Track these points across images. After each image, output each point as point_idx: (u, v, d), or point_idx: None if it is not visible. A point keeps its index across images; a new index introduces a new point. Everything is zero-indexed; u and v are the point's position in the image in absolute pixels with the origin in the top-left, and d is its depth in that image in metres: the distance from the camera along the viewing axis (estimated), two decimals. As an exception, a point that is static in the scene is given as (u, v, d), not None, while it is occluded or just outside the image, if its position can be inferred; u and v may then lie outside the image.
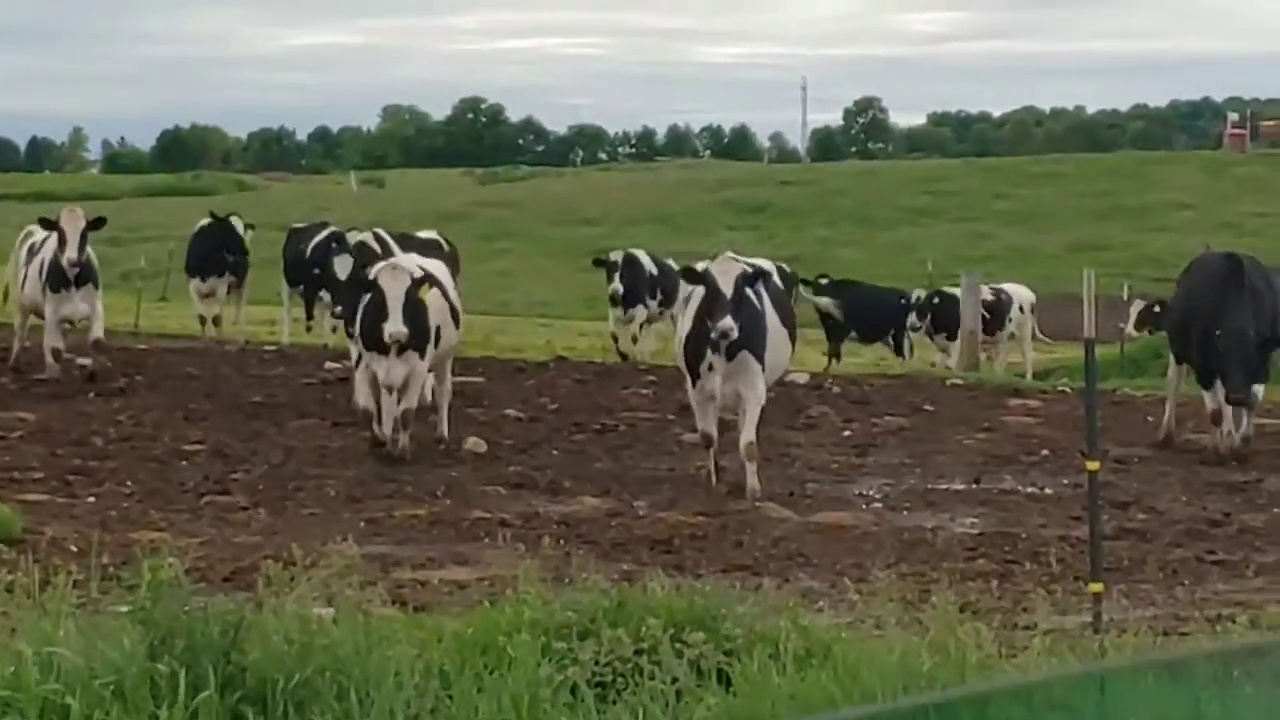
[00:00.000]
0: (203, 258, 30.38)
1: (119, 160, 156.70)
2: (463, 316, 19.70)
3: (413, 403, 17.99)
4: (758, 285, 16.69)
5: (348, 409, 19.99)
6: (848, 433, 20.60)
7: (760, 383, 16.57)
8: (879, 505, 15.87)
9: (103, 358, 23.38)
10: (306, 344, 29.34)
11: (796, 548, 13.48)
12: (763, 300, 16.79)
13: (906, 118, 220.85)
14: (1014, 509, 15.66)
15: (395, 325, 17.48)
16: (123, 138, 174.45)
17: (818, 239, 70.10)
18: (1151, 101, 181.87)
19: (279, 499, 15.34)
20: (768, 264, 18.81)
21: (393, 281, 17.66)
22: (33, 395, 21.79)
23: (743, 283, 16.36)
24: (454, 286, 19.65)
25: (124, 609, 8.30)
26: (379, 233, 24.78)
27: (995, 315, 32.96)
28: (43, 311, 23.43)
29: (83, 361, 23.09)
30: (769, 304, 16.94)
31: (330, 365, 24.94)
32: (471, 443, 18.65)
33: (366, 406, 17.93)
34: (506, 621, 8.50)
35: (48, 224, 23.49)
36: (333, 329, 26.96)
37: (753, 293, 16.53)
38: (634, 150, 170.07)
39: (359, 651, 7.99)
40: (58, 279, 22.99)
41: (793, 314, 18.19)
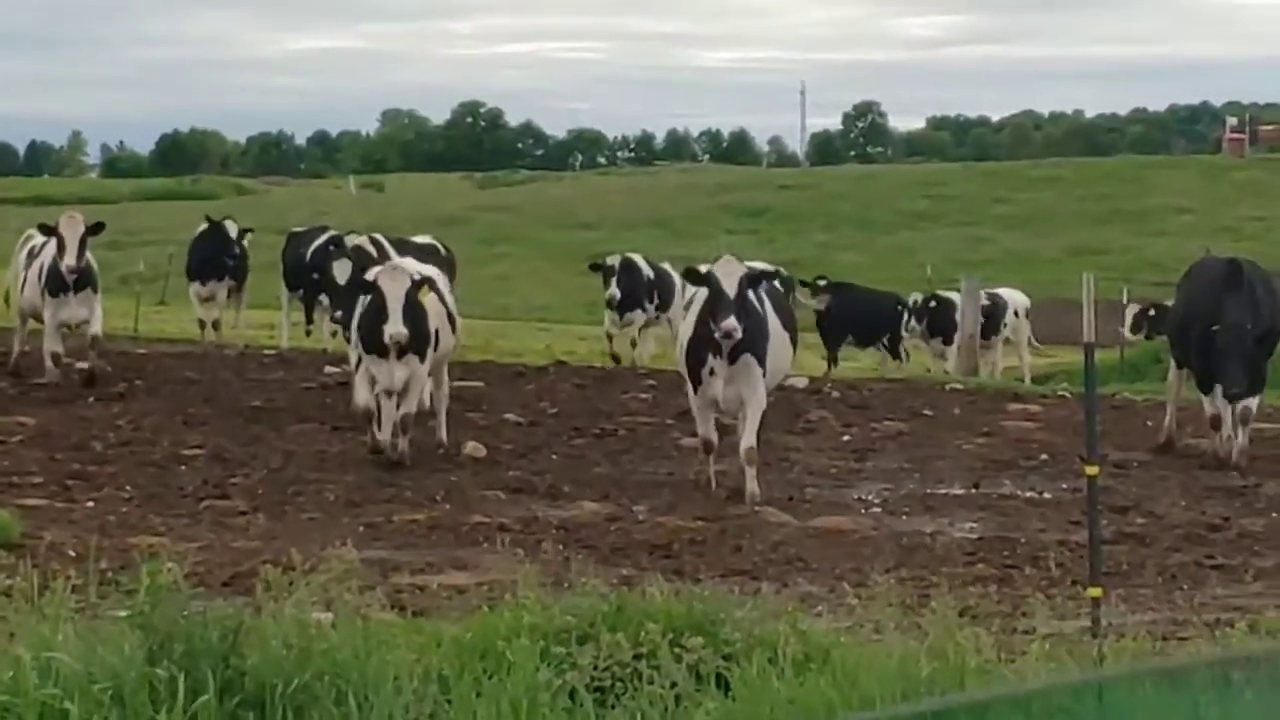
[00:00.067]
0: (202, 262, 30.41)
1: (118, 164, 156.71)
2: (459, 322, 19.70)
3: (412, 407, 17.98)
4: (760, 287, 16.71)
5: (347, 413, 19.98)
6: (847, 437, 20.59)
7: (761, 387, 16.56)
8: (878, 510, 15.86)
9: (102, 362, 23.38)
10: (306, 348, 29.33)
11: (795, 552, 13.47)
12: (764, 304, 16.80)
13: (905, 122, 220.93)
14: (1013, 514, 15.66)
15: (395, 326, 17.48)
16: (121, 142, 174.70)
17: (817, 243, 70.11)
18: (1150, 106, 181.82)
19: (278, 503, 15.34)
20: (765, 268, 18.81)
21: (393, 283, 17.66)
22: (32, 400, 21.78)
23: (746, 284, 16.36)
24: (450, 291, 19.64)
25: (123, 614, 8.30)
26: (376, 237, 24.80)
27: (990, 320, 32.95)
28: (42, 316, 23.44)
29: (81, 365, 23.09)
30: (770, 308, 16.94)
31: (330, 369, 24.93)
32: (471, 447, 18.64)
33: (367, 405, 17.82)
34: (505, 626, 8.51)
35: (47, 230, 23.50)
36: (332, 333, 26.94)
37: (754, 296, 16.55)
38: (633, 154, 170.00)
39: (358, 656, 8.00)
40: (57, 284, 22.99)
41: (794, 318, 18.20)
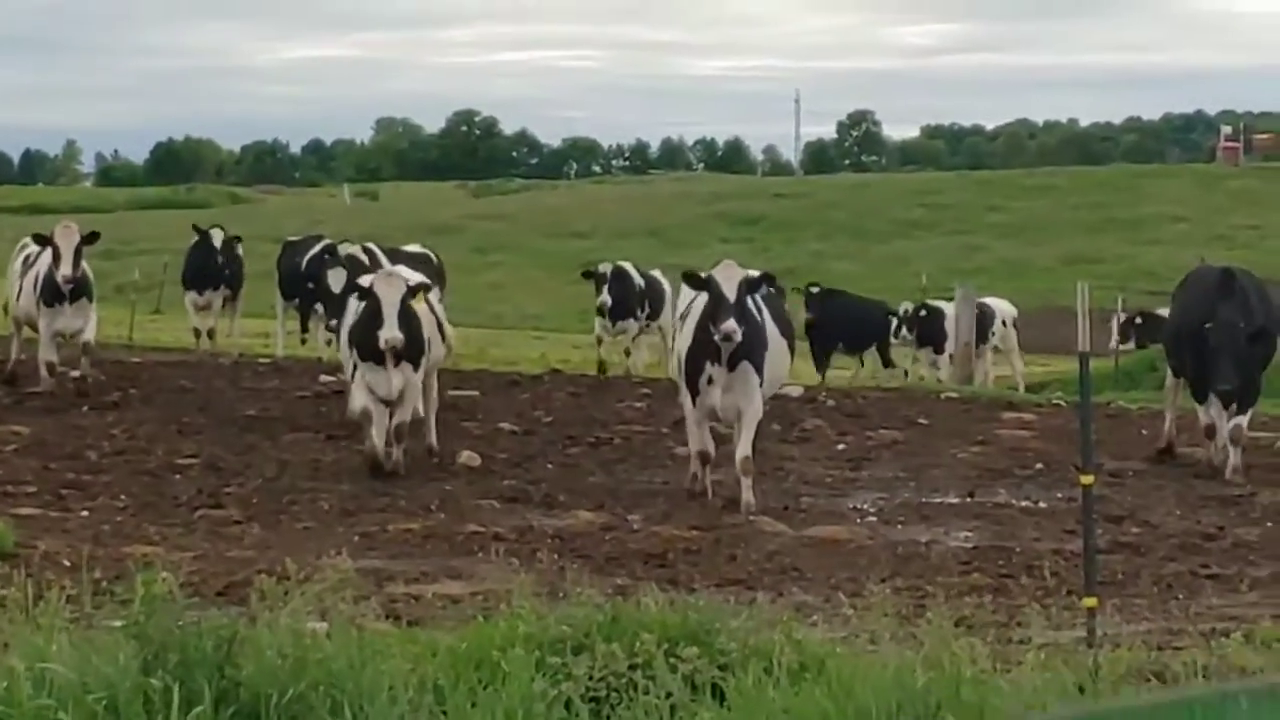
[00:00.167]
0: (198, 271, 30.43)
1: (112, 173, 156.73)
2: (449, 330, 19.68)
3: (406, 416, 17.96)
4: (759, 292, 16.69)
5: (342, 422, 19.97)
6: (842, 446, 20.58)
7: (758, 396, 16.56)
8: (873, 519, 15.84)
9: (95, 370, 23.35)
10: (301, 357, 29.36)
11: (791, 562, 13.46)
12: (762, 312, 16.79)
13: (900, 130, 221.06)
14: (1008, 523, 15.65)
15: (390, 331, 17.46)
16: (116, 150, 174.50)
17: (811, 252, 70.23)
18: (1145, 114, 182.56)
19: (273, 513, 15.31)
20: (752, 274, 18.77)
21: (388, 289, 17.66)
22: (26, 409, 21.76)
23: (745, 288, 16.35)
24: (440, 300, 19.63)
25: (117, 624, 8.29)
26: (369, 246, 24.86)
27: (978, 329, 32.99)
28: (37, 325, 23.42)
29: (74, 374, 23.08)
30: (768, 316, 16.93)
31: (325, 378, 24.91)
32: (466, 456, 18.63)
33: (365, 406, 17.67)
34: (500, 636, 8.50)
35: (42, 240, 23.46)
36: (327, 341, 26.96)
37: (753, 305, 16.52)
38: (628, 163, 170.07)
39: (353, 666, 7.98)
40: (52, 294, 22.97)
41: (791, 326, 18.20)
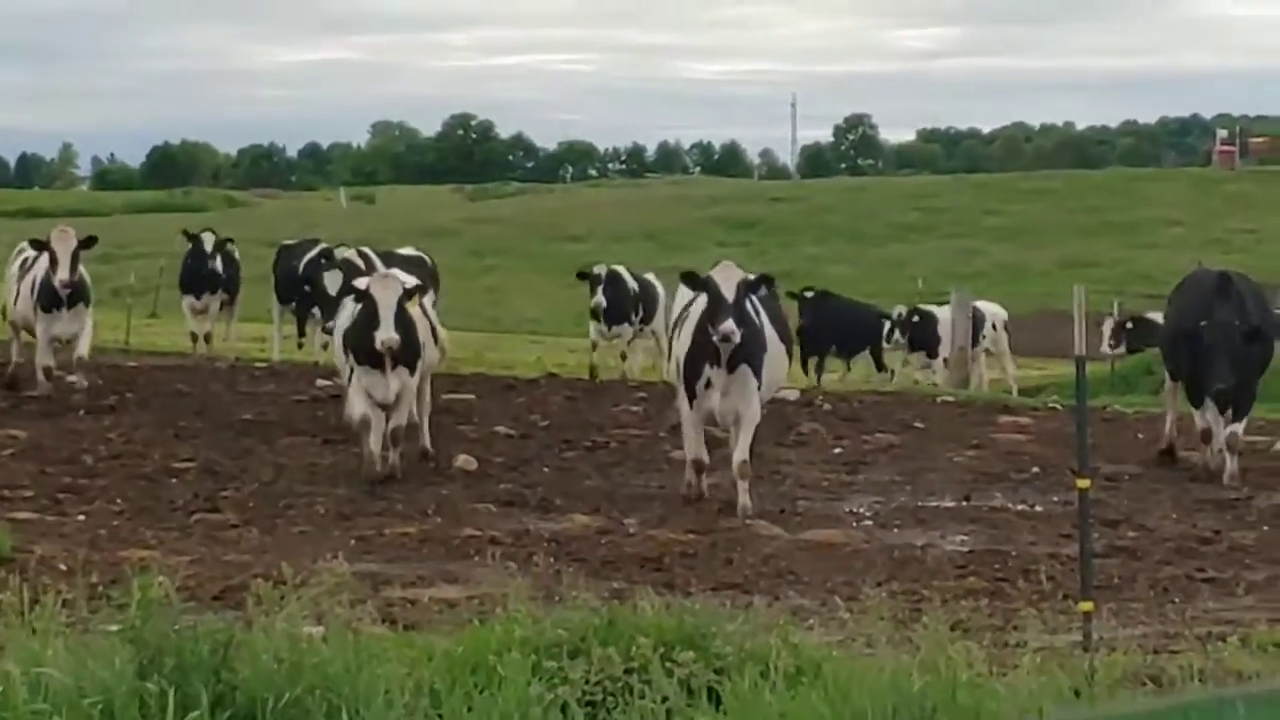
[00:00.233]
0: (195, 275, 30.44)
1: (109, 177, 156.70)
2: (442, 334, 19.68)
3: (403, 420, 17.96)
4: (758, 293, 16.68)
5: (339, 426, 19.96)
6: (838, 450, 20.59)
7: (756, 400, 16.55)
8: (869, 523, 15.84)
9: (94, 376, 23.31)
10: (297, 361, 29.37)
11: (787, 565, 13.46)
12: (761, 315, 16.78)
13: (896, 134, 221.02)
14: (1004, 526, 15.64)
15: (387, 332, 17.43)
16: (113, 154, 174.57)
17: (808, 256, 70.29)
18: (1141, 118, 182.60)
19: (269, 517, 15.31)
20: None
21: (384, 291, 17.65)
22: (23, 413, 21.74)
23: (744, 289, 16.34)
24: (434, 304, 19.63)
25: (114, 628, 8.28)
26: (364, 251, 24.89)
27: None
28: (34, 329, 23.40)
29: (71, 379, 23.07)
30: (766, 319, 16.93)
31: (321, 382, 24.91)
32: (462, 460, 18.63)
33: (364, 414, 17.59)
34: (497, 640, 8.50)
35: (39, 245, 23.39)
36: (323, 345, 26.97)
37: (751, 308, 16.51)
38: (624, 166, 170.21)
39: (349, 670, 7.99)
40: (49, 299, 22.94)
41: (789, 330, 18.20)
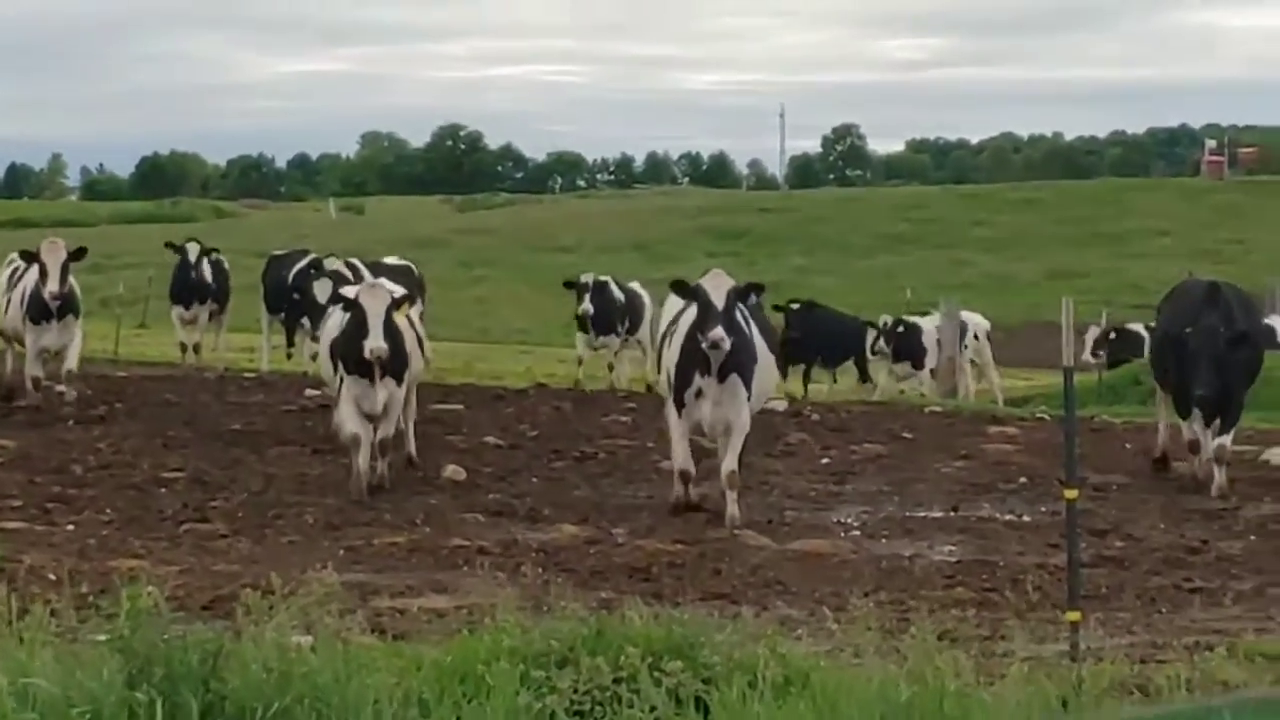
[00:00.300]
0: (184, 285, 30.45)
1: (98, 187, 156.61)
2: (428, 344, 19.68)
3: (390, 430, 17.95)
4: (747, 302, 16.69)
5: (328, 436, 19.96)
6: (826, 460, 20.60)
7: (746, 410, 16.55)
8: (857, 533, 15.86)
9: (82, 385, 23.28)
10: (286, 371, 29.35)
11: (775, 576, 13.47)
12: (751, 326, 16.80)
13: (885, 145, 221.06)
14: (992, 537, 15.66)
15: (376, 341, 17.41)
16: (101, 164, 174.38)
17: (796, 266, 70.29)
18: (1129, 128, 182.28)
19: (258, 527, 15.31)
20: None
21: (373, 300, 17.64)
22: (11, 423, 21.73)
23: (734, 297, 16.35)
24: (420, 315, 19.64)
25: (103, 637, 8.29)
26: (352, 261, 24.93)
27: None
28: (23, 340, 23.38)
29: (60, 389, 23.06)
30: (755, 330, 16.95)
31: (310, 392, 24.91)
32: (451, 470, 18.63)
33: (355, 433, 17.51)
34: (485, 650, 8.51)
35: (28, 256, 23.35)
36: (312, 356, 26.94)
37: (741, 319, 16.52)
38: (613, 177, 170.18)
39: (338, 680, 8.00)
40: (39, 310, 22.90)
41: (776, 341, 18.21)
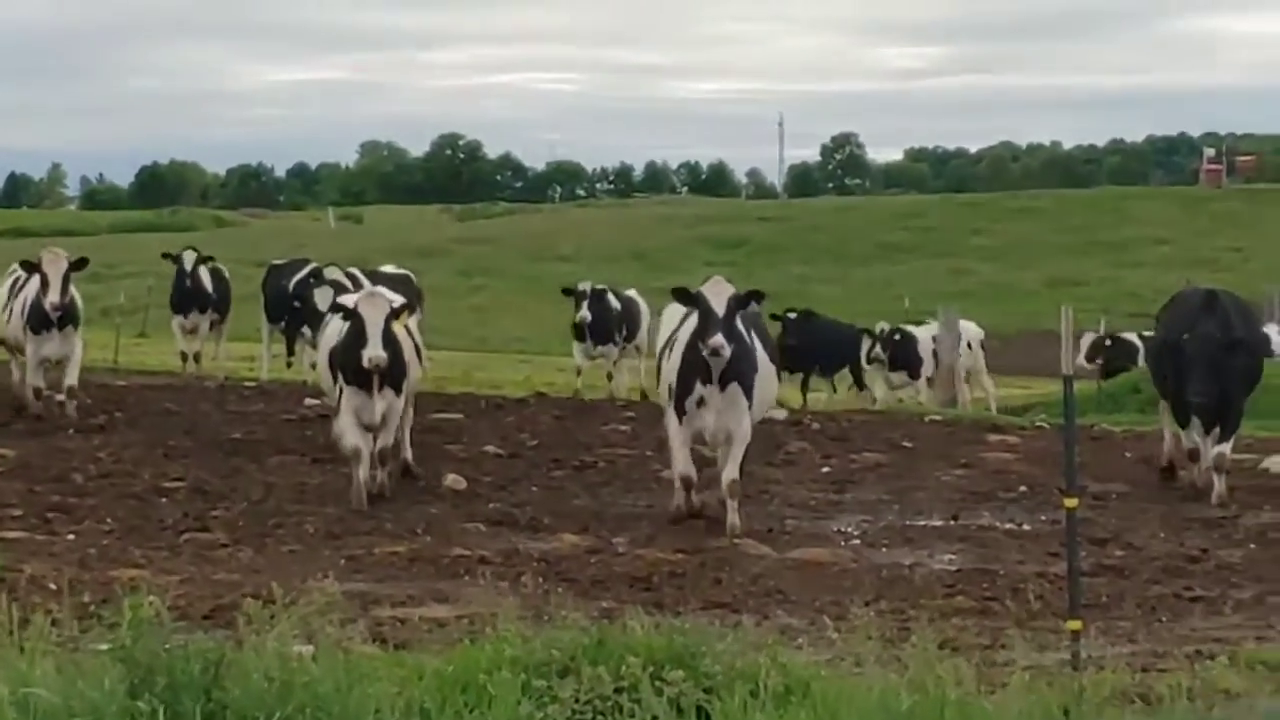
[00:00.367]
0: (184, 294, 30.47)
1: (97, 196, 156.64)
2: (424, 353, 19.69)
3: (389, 440, 17.95)
4: (748, 309, 16.68)
5: (328, 445, 19.94)
6: (826, 469, 20.61)
7: (748, 419, 16.54)
8: (857, 542, 15.86)
9: (74, 402, 23.21)
10: (286, 380, 29.35)
11: (775, 585, 13.47)
12: (752, 336, 16.79)
13: (884, 153, 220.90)
14: (992, 545, 15.67)
15: (375, 349, 17.37)
16: (101, 174, 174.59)
17: (795, 275, 70.29)
18: (1128, 136, 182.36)
19: (259, 536, 15.30)
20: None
21: (372, 309, 17.62)
22: (11, 432, 21.72)
23: (734, 304, 16.34)
24: (419, 323, 19.63)
25: (104, 647, 8.30)
26: (351, 271, 24.95)
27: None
28: (24, 349, 23.36)
29: (60, 398, 23.05)
30: (757, 340, 16.94)
31: (310, 401, 24.91)
32: (451, 479, 18.63)
33: (356, 446, 17.48)
34: (487, 659, 8.52)
35: (29, 266, 23.31)
36: (312, 364, 26.92)
37: (742, 328, 16.50)
38: (612, 186, 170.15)
39: (339, 689, 8.00)
40: (39, 320, 22.87)
41: (775, 351, 18.20)
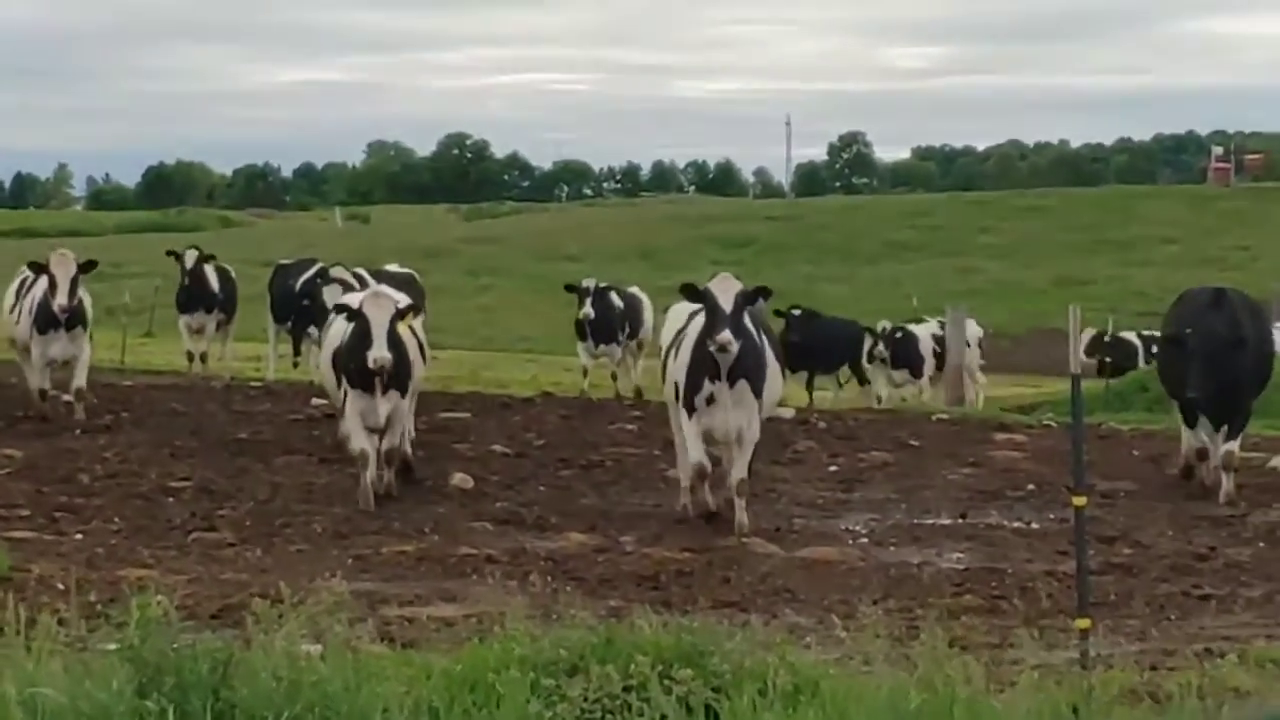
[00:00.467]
0: (191, 294, 30.48)
1: (104, 197, 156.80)
2: (428, 352, 19.69)
3: (396, 440, 17.96)
4: (755, 305, 16.66)
5: (334, 445, 19.97)
6: (834, 468, 20.60)
7: (757, 418, 16.52)
8: (865, 540, 15.85)
9: (81, 404, 23.21)
10: (292, 380, 29.35)
11: (783, 583, 13.46)
12: (760, 335, 16.77)
13: (891, 152, 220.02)
14: (1000, 544, 15.65)
15: (380, 350, 17.36)
16: (107, 174, 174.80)
17: (802, 274, 70.21)
18: (1136, 135, 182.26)
19: (266, 536, 15.31)
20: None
21: (377, 309, 17.61)
22: (18, 432, 21.72)
23: (742, 300, 16.31)
24: (422, 321, 19.62)
25: (112, 647, 8.29)
26: (358, 271, 24.95)
27: (944, 351, 33.11)
28: (31, 350, 23.34)
29: (66, 398, 23.04)
30: (765, 339, 16.92)
31: (316, 401, 24.89)
32: (458, 479, 18.63)
33: (364, 449, 17.49)
34: (495, 658, 8.51)
35: (37, 268, 23.29)
36: (318, 364, 26.96)
37: (751, 327, 16.48)
38: (619, 186, 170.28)
39: (348, 688, 7.99)
40: (47, 321, 22.84)
41: (780, 350, 18.16)
